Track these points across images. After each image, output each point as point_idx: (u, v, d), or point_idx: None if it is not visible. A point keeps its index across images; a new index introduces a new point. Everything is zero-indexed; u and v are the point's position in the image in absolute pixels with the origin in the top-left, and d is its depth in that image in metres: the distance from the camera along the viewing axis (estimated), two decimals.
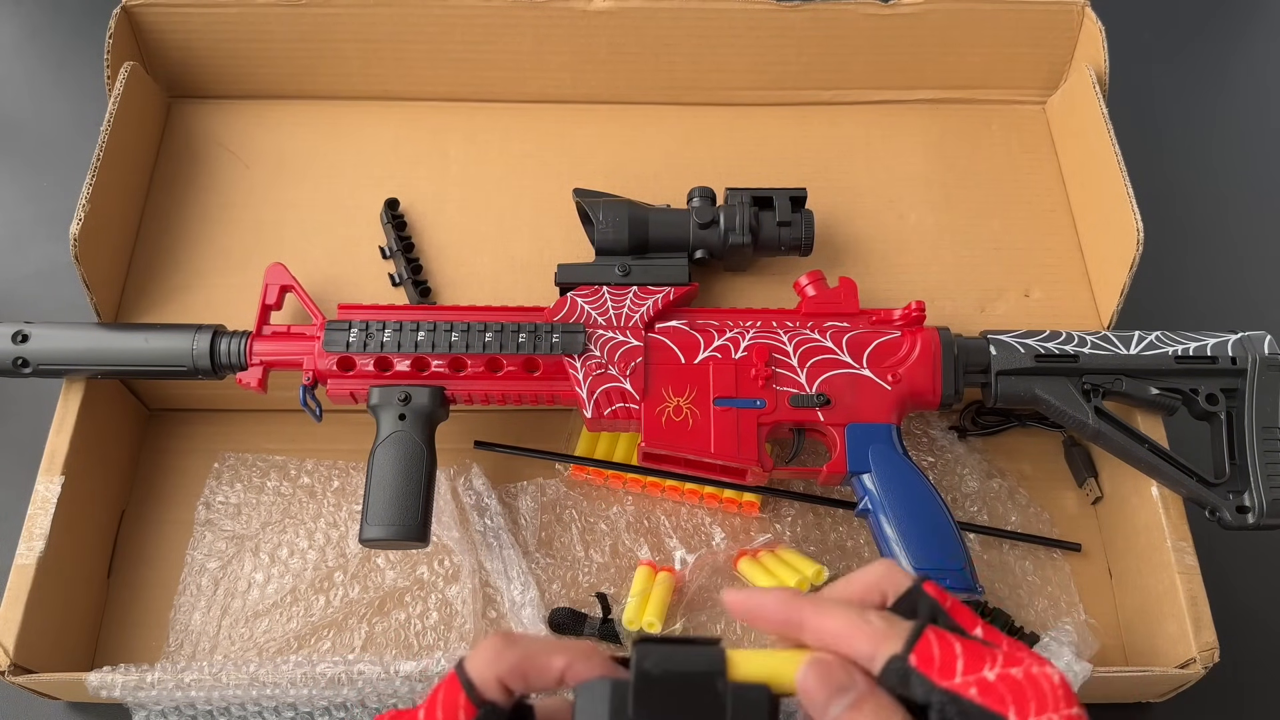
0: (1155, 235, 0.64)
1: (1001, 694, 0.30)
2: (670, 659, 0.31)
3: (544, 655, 0.33)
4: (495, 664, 0.33)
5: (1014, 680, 0.30)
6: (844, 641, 0.32)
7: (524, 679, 0.33)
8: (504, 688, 0.33)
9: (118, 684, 0.56)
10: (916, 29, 0.75)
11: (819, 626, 0.33)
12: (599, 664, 0.33)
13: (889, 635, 0.31)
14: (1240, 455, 0.61)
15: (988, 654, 0.31)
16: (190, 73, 0.75)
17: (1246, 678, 0.66)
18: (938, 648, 0.31)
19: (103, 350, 0.62)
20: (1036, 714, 0.29)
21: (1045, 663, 0.31)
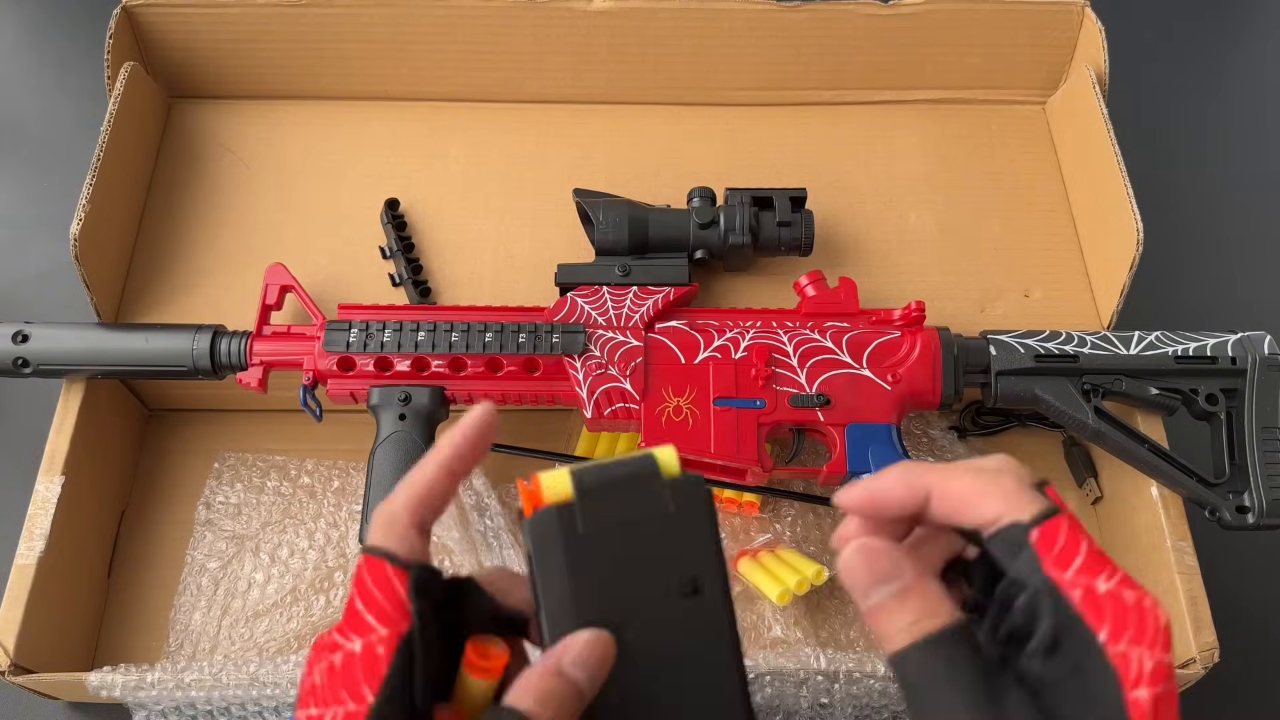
0: (1155, 235, 0.64)
1: (1103, 609, 0.28)
2: (604, 471, 0.33)
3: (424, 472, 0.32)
4: (396, 517, 0.32)
5: (1122, 601, 0.28)
6: (971, 500, 0.31)
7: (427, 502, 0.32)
8: (419, 534, 0.32)
9: (118, 684, 0.56)
10: (916, 29, 0.75)
11: (945, 489, 0.31)
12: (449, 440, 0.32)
13: (1021, 501, 0.30)
14: (1240, 455, 0.61)
15: (1107, 565, 0.29)
16: (191, 73, 0.75)
17: (1246, 678, 0.66)
18: (1065, 535, 0.29)
19: (103, 350, 0.62)
20: (1131, 643, 0.27)
21: (1157, 602, 0.29)
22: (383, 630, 0.30)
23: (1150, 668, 0.27)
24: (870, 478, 0.33)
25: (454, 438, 0.33)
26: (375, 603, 0.30)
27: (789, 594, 0.62)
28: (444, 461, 0.33)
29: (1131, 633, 0.28)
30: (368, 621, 0.30)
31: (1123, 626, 0.28)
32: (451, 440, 0.33)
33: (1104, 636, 0.28)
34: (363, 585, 0.31)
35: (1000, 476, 0.31)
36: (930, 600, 0.30)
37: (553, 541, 0.32)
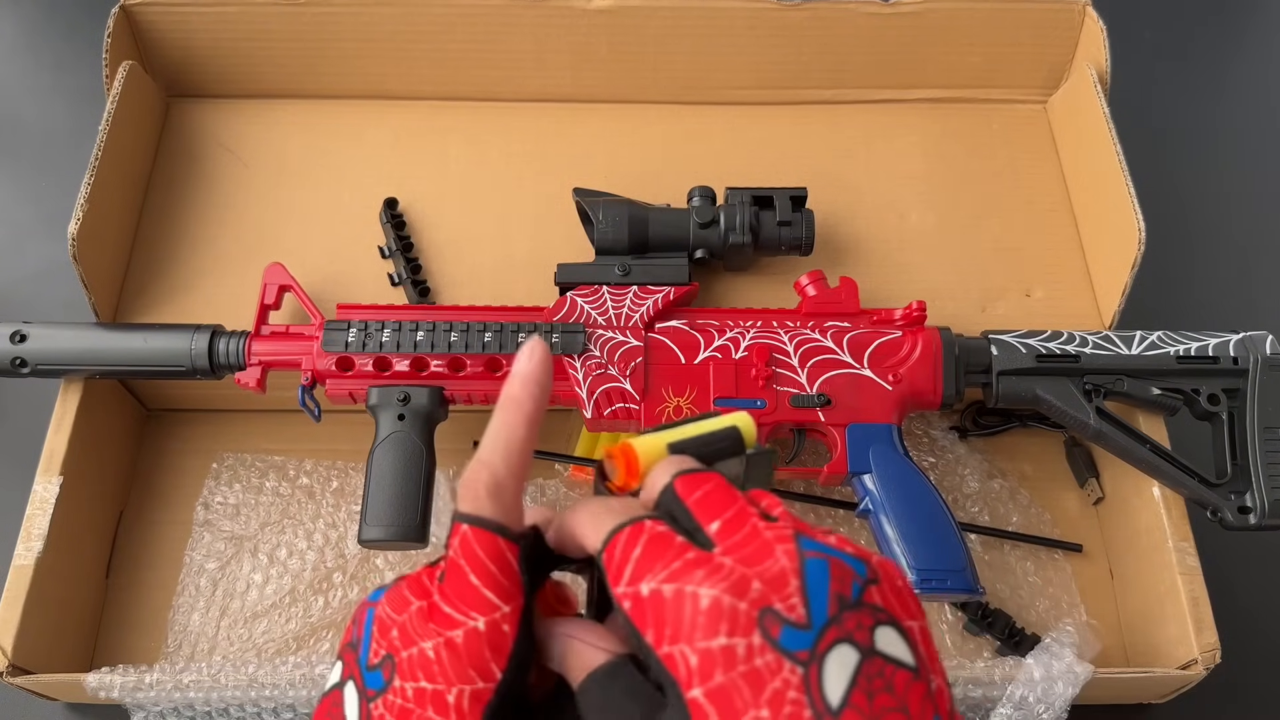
0: (1157, 235, 0.64)
1: (645, 613, 0.27)
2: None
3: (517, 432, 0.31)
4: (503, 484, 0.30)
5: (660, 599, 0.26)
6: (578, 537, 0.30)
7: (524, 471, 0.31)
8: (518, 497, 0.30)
9: (116, 685, 0.56)
10: (917, 28, 0.74)
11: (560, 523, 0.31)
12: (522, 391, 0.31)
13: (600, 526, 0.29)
14: (1242, 455, 0.61)
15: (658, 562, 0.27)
16: (189, 72, 0.75)
17: (1248, 679, 0.65)
18: (620, 548, 0.28)
19: (101, 350, 0.62)
20: (671, 641, 0.26)
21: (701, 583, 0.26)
22: (506, 608, 0.29)
23: (696, 662, 0.25)
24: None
25: (527, 389, 0.31)
26: (493, 579, 0.29)
27: None
28: (530, 416, 0.31)
29: (670, 630, 0.26)
30: (489, 599, 0.29)
31: (662, 626, 0.26)
32: (526, 392, 0.31)
33: (651, 641, 0.26)
34: (474, 559, 0.29)
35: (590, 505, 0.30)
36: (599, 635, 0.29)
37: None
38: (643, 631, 0.26)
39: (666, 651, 0.26)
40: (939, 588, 0.57)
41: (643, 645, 0.26)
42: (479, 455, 0.30)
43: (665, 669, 0.25)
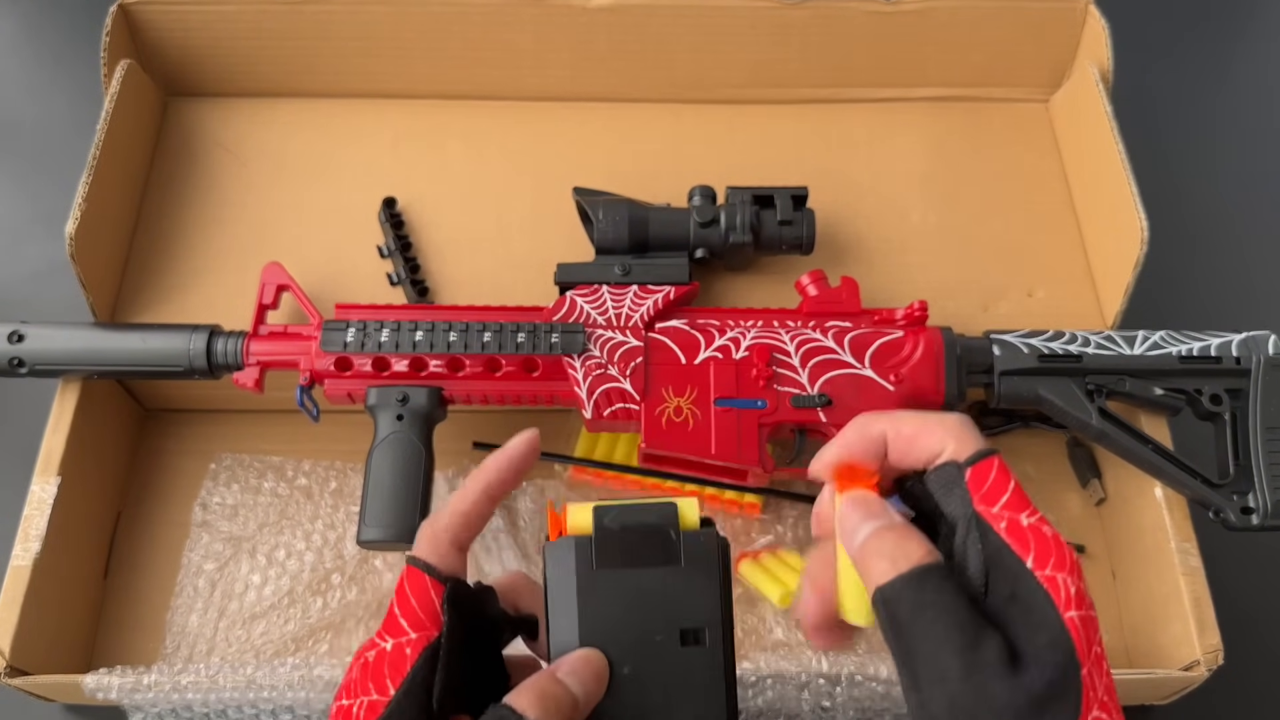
0: (1160, 234, 0.64)
1: (1027, 539, 0.31)
2: (627, 515, 0.35)
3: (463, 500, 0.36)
4: (438, 536, 0.35)
5: (1042, 534, 0.31)
6: (920, 438, 0.34)
7: (467, 526, 0.36)
8: (457, 551, 0.36)
9: (114, 686, 0.56)
10: (918, 27, 0.74)
11: (897, 430, 0.34)
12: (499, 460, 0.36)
13: (962, 440, 0.33)
14: (1245, 456, 0.61)
15: (1029, 504, 0.32)
16: (187, 71, 0.75)
17: (1251, 680, 0.65)
18: (995, 475, 0.32)
19: (99, 350, 0.61)
20: (1055, 569, 0.30)
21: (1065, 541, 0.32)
22: (413, 634, 0.34)
23: (1074, 591, 0.30)
24: (833, 442, 0.36)
25: (497, 462, 0.37)
26: (411, 610, 0.34)
27: (791, 596, 0.62)
28: (486, 486, 0.36)
29: (1054, 560, 0.30)
30: (401, 625, 0.34)
31: (1046, 554, 0.30)
32: (495, 464, 0.37)
33: (1030, 563, 0.30)
34: (403, 593, 0.35)
35: (945, 418, 0.34)
36: (914, 539, 0.32)
37: (566, 570, 0.34)
38: (1022, 554, 0.30)
39: (1049, 575, 0.30)
40: None
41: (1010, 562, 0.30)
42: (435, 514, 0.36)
43: (1045, 589, 0.30)
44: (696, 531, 0.35)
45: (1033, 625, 0.30)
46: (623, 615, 0.34)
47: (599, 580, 0.34)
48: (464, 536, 0.36)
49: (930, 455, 0.34)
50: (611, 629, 0.34)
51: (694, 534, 0.35)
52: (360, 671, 0.34)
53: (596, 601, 0.34)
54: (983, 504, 0.32)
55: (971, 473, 0.32)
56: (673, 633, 0.34)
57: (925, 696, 0.30)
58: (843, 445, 0.35)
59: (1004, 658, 0.29)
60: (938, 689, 0.30)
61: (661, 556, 0.34)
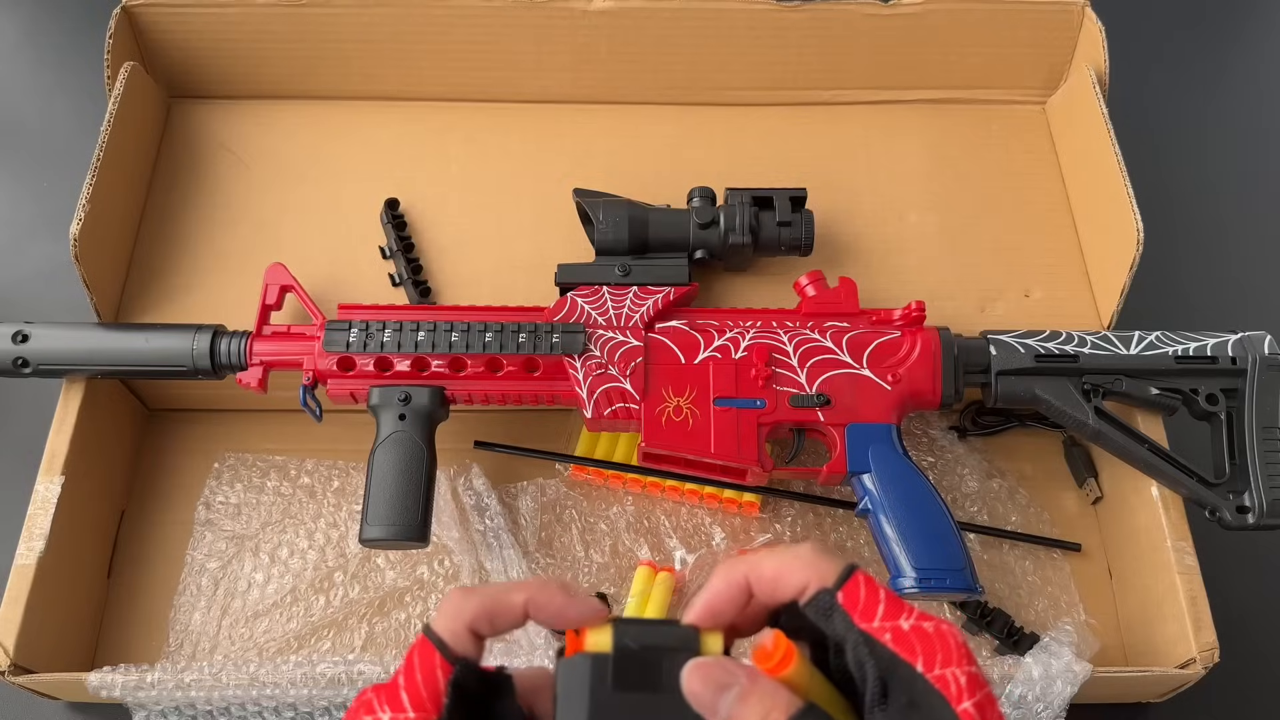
0: (1155, 235, 0.64)
1: (912, 643, 0.32)
2: (646, 635, 0.33)
3: (504, 595, 0.35)
4: (460, 615, 0.34)
5: (925, 633, 0.32)
6: (783, 576, 0.34)
7: (490, 621, 0.34)
8: (474, 636, 0.34)
9: (118, 684, 0.56)
10: (916, 29, 0.75)
11: (758, 573, 0.34)
12: (555, 591, 0.34)
13: (821, 569, 0.33)
14: (1240, 455, 0.61)
15: (905, 608, 0.33)
16: (190, 73, 0.75)
17: (1246, 678, 0.66)
18: (864, 591, 0.33)
19: (103, 350, 0.62)
20: (942, 666, 0.31)
21: (951, 625, 0.33)
22: (412, 714, 0.32)
23: (965, 681, 0.31)
24: (701, 591, 0.35)
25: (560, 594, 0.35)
26: (415, 685, 0.33)
27: None
28: (531, 597, 0.35)
29: (940, 656, 0.31)
30: (402, 700, 0.33)
31: (932, 654, 0.31)
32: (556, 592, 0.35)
33: (920, 666, 0.31)
34: (411, 663, 0.34)
35: (799, 551, 0.34)
36: (769, 693, 0.31)
37: (580, 688, 0.33)
38: (910, 659, 0.31)
39: (939, 674, 0.31)
40: (938, 587, 0.57)
41: (903, 670, 0.31)
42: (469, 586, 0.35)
43: (936, 689, 0.31)
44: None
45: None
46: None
47: (614, 701, 0.32)
48: (484, 626, 0.34)
49: (796, 589, 0.34)
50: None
51: None
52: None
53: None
54: (863, 621, 0.32)
55: (843, 596, 0.33)
56: None
57: None
58: (710, 597, 0.35)
59: None
60: None
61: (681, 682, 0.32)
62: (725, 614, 0.35)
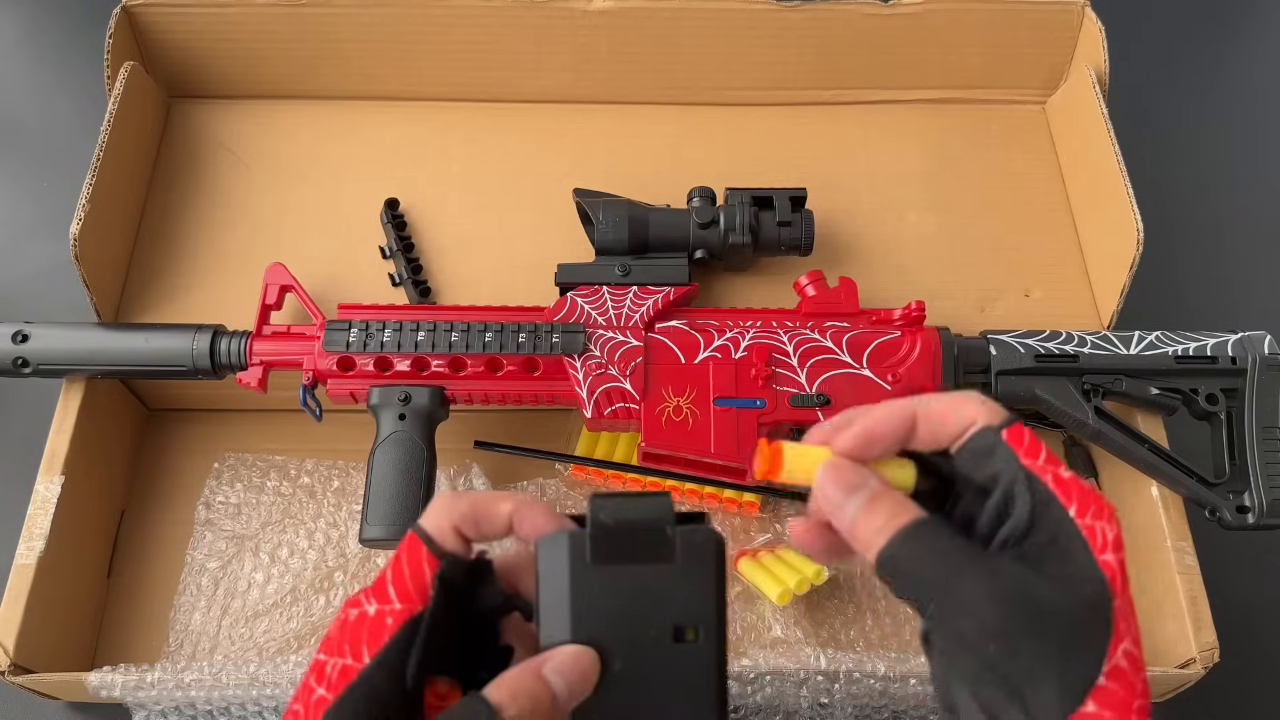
0: (1155, 235, 0.64)
1: (1069, 490, 0.32)
2: (622, 509, 0.34)
3: (492, 502, 0.35)
4: (448, 514, 0.35)
5: (1081, 486, 0.32)
6: (950, 415, 0.34)
7: (475, 525, 0.35)
8: (459, 535, 0.35)
9: (118, 684, 0.56)
10: (916, 29, 0.75)
11: (927, 410, 0.34)
12: (540, 509, 0.35)
13: (988, 408, 0.34)
14: (1240, 455, 0.61)
15: (1062, 463, 0.33)
16: (190, 73, 0.75)
17: (1247, 678, 0.66)
18: (1029, 435, 0.33)
19: (103, 350, 0.62)
20: (1094, 517, 0.32)
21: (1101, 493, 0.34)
22: (398, 605, 0.33)
23: (1112, 537, 0.32)
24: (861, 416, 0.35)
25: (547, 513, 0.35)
26: (401, 578, 0.34)
27: (789, 594, 0.62)
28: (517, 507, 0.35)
29: (1094, 509, 0.32)
30: (388, 592, 0.34)
31: (1087, 504, 0.32)
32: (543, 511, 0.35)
33: (1074, 511, 0.32)
34: (398, 559, 0.34)
35: (969, 394, 0.35)
36: (898, 501, 0.33)
37: (559, 564, 0.34)
38: (1065, 502, 0.32)
39: (1089, 524, 0.31)
40: None
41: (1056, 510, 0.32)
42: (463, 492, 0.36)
43: (1083, 535, 0.31)
44: (693, 528, 0.34)
45: (1068, 561, 0.31)
46: (615, 611, 0.34)
47: (593, 575, 0.34)
48: (469, 528, 0.35)
49: (961, 429, 0.34)
50: (603, 624, 0.33)
51: (690, 530, 0.34)
52: (339, 630, 0.33)
53: (589, 596, 0.34)
54: (1028, 459, 0.33)
55: (1009, 435, 0.33)
56: (666, 630, 0.34)
57: (954, 628, 0.30)
58: (872, 423, 0.34)
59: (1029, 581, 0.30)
60: (967, 618, 0.30)
61: (657, 552, 0.34)
62: (882, 444, 0.34)
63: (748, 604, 0.65)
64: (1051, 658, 0.29)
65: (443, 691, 0.34)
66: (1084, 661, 0.29)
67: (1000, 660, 0.30)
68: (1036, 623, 0.30)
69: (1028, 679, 0.29)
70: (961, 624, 0.30)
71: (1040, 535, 0.32)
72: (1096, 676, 0.29)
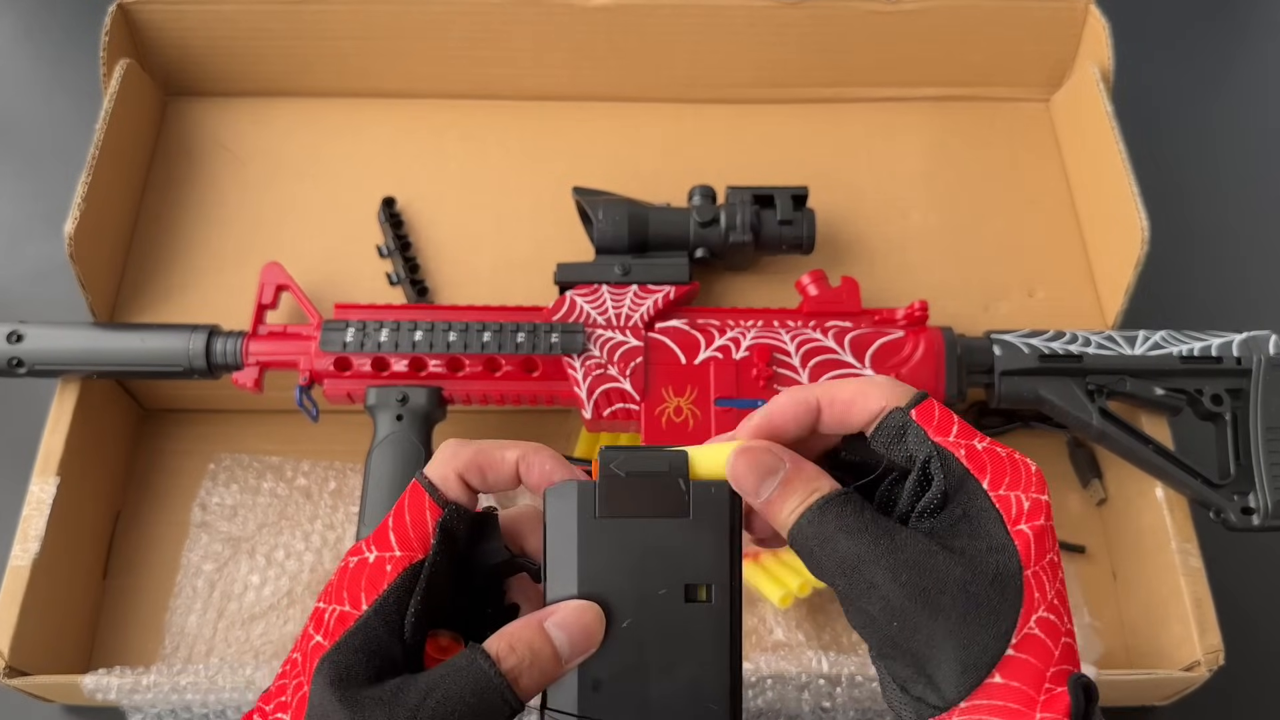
0: (1160, 234, 0.63)
1: (984, 462, 0.32)
2: (634, 460, 0.33)
3: (498, 449, 0.34)
4: (453, 462, 0.34)
5: (998, 455, 0.32)
6: (857, 401, 0.34)
7: (481, 473, 0.34)
8: (464, 484, 0.34)
9: (113, 687, 0.56)
10: (919, 26, 0.74)
11: (832, 396, 0.34)
12: (548, 456, 0.34)
13: (896, 393, 0.33)
14: (1245, 456, 0.61)
15: (978, 433, 0.33)
16: (187, 70, 0.75)
17: (1252, 680, 0.65)
18: (939, 411, 0.33)
19: (98, 350, 0.61)
20: (1009, 488, 0.31)
21: (1025, 457, 0.33)
22: (398, 553, 0.32)
23: (1028, 506, 0.31)
24: (764, 408, 0.35)
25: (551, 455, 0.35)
26: (403, 526, 0.33)
27: (791, 597, 0.61)
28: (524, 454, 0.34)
29: (1009, 479, 0.31)
30: (389, 540, 0.33)
31: (1001, 475, 0.32)
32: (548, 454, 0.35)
33: (987, 483, 0.31)
34: (401, 507, 0.34)
35: (877, 380, 0.34)
36: (811, 477, 0.33)
37: (568, 516, 0.33)
38: (979, 475, 0.31)
39: (1002, 494, 0.31)
40: None
41: (970, 485, 0.31)
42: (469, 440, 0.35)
43: (996, 508, 0.31)
44: (708, 482, 0.33)
45: (978, 535, 0.31)
46: (625, 566, 0.32)
47: (602, 529, 0.32)
48: (474, 476, 0.34)
49: (870, 415, 0.33)
50: (612, 580, 0.32)
51: (705, 485, 0.33)
52: (339, 578, 0.33)
53: (598, 551, 0.32)
54: (939, 436, 0.32)
55: (918, 414, 0.33)
56: (677, 588, 0.32)
57: (863, 607, 0.31)
58: (773, 411, 0.34)
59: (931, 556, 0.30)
60: (870, 597, 0.30)
61: (670, 507, 0.32)
62: (784, 432, 0.34)
63: (749, 607, 0.64)
64: (951, 632, 0.29)
65: (444, 644, 0.33)
66: (987, 634, 0.29)
67: (903, 637, 0.30)
68: (935, 598, 0.29)
69: (929, 655, 0.29)
70: (867, 603, 0.30)
71: (953, 511, 0.31)
72: (1004, 649, 0.29)
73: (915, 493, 0.32)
